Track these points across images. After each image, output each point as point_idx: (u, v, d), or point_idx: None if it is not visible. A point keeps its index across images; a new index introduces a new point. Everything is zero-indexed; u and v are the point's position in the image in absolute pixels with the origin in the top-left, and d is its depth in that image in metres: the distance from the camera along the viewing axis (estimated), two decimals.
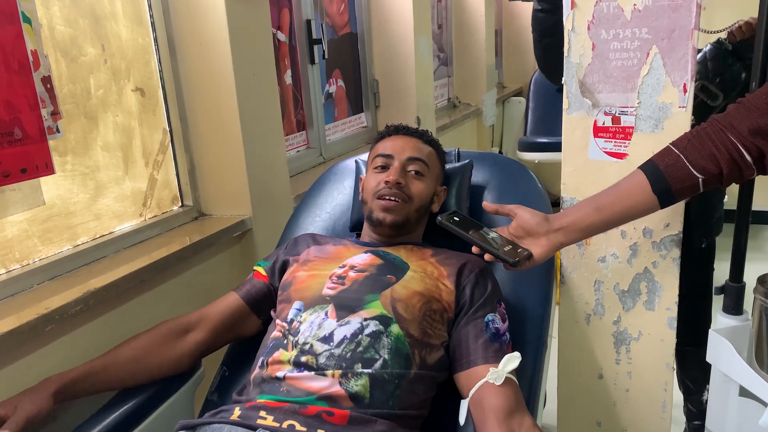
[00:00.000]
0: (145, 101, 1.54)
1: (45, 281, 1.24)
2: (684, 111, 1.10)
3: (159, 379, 1.14)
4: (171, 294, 1.46)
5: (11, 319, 1.07)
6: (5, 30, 1.07)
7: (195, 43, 1.55)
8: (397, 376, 0.99)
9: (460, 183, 1.33)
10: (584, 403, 1.35)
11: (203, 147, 1.64)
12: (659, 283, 1.20)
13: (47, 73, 1.16)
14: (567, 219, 1.05)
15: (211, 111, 1.60)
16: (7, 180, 1.10)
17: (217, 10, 1.51)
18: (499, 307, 1.09)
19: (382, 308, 1.05)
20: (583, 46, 1.15)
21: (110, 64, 1.43)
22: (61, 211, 1.31)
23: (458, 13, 3.79)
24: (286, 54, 2.16)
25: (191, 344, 1.16)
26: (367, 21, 2.68)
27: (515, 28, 4.81)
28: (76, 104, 1.33)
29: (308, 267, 1.16)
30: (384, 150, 1.24)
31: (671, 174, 0.99)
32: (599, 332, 1.29)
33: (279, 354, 1.03)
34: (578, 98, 1.18)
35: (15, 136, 1.10)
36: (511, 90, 4.67)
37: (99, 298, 1.21)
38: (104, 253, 1.39)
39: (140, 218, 1.54)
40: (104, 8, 1.41)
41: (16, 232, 1.21)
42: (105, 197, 1.43)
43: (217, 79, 1.56)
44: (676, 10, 1.07)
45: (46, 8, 1.25)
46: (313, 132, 2.33)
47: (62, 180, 1.30)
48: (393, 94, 2.74)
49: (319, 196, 1.51)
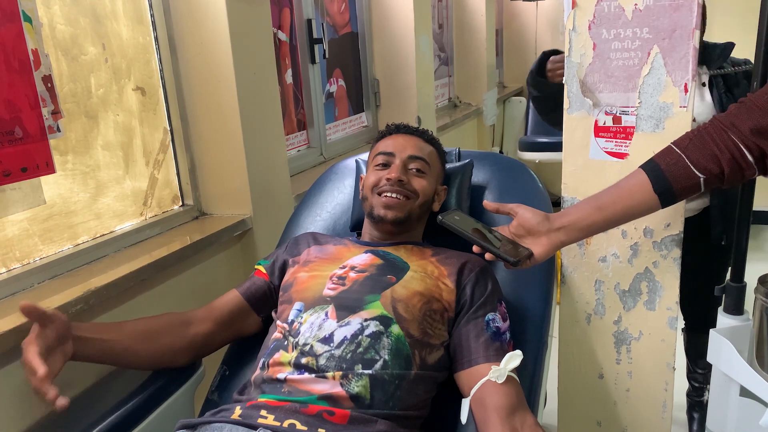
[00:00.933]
0: (145, 100, 1.54)
1: (45, 280, 1.24)
2: (685, 111, 1.10)
3: (160, 366, 1.14)
4: (172, 293, 1.46)
5: (12, 318, 1.07)
6: (6, 29, 1.07)
7: (196, 43, 1.55)
8: (397, 376, 0.99)
9: (461, 182, 1.33)
10: (585, 402, 1.35)
11: (204, 146, 1.64)
12: (660, 282, 1.20)
13: (48, 72, 1.16)
14: (568, 218, 1.04)
15: (212, 110, 1.60)
16: (8, 179, 1.10)
17: (217, 9, 1.51)
18: (500, 306, 1.09)
19: (382, 308, 1.05)
20: (584, 45, 1.15)
21: (111, 63, 1.43)
22: (62, 210, 1.31)
23: (459, 12, 3.79)
24: (286, 53, 2.16)
25: (191, 337, 1.15)
26: (368, 20, 2.68)
27: (516, 27, 4.81)
28: (76, 103, 1.33)
29: (309, 268, 1.16)
30: (385, 148, 1.24)
31: (672, 173, 0.99)
32: (600, 332, 1.29)
33: (279, 355, 1.03)
34: (579, 98, 1.18)
35: (16, 135, 1.10)
36: (512, 90, 4.67)
37: (99, 297, 1.21)
38: (105, 252, 1.39)
39: (141, 217, 1.54)
40: (105, 7, 1.41)
41: (17, 231, 1.21)
42: (105, 196, 1.43)
43: (218, 79, 1.56)
44: (677, 9, 1.06)
45: (46, 7, 1.25)
46: (314, 131, 2.33)
47: (63, 179, 1.30)
48: (394, 93, 2.74)
49: (320, 196, 1.51)
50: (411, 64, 2.67)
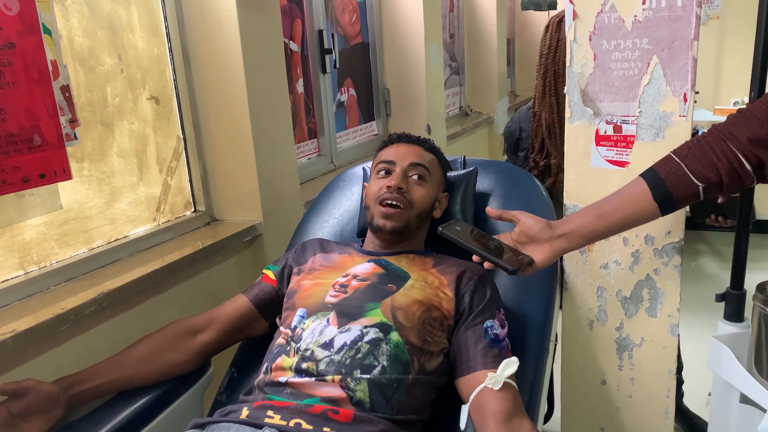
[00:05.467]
0: (159, 109, 1.58)
1: (61, 283, 1.28)
2: (684, 120, 1.12)
3: (168, 378, 1.17)
4: (183, 296, 1.50)
5: (28, 318, 1.11)
6: (27, 41, 1.12)
7: (208, 53, 1.60)
8: (395, 380, 1.01)
9: (465, 190, 1.35)
10: (588, 408, 1.36)
11: (216, 154, 1.68)
12: (661, 289, 1.22)
13: (66, 82, 1.20)
14: (569, 225, 1.06)
15: (224, 119, 1.64)
16: (27, 185, 1.14)
17: (229, 20, 1.55)
18: (498, 313, 1.11)
19: (382, 316, 1.07)
20: (585, 56, 1.17)
21: (126, 74, 1.47)
22: (78, 216, 1.35)
23: (470, 22, 3.82)
24: (298, 63, 2.20)
25: (200, 345, 1.19)
26: (379, 31, 2.72)
27: (528, 37, 4.83)
28: (93, 112, 1.38)
29: (313, 276, 1.19)
30: (387, 157, 1.26)
31: (672, 182, 1.00)
32: (602, 338, 1.30)
33: (282, 360, 1.06)
34: (580, 107, 1.20)
35: (34, 142, 1.14)
36: (524, 98, 4.68)
37: (113, 299, 1.25)
38: (118, 256, 1.43)
39: (154, 223, 1.58)
40: (121, 19, 1.45)
41: (34, 235, 1.26)
42: (120, 202, 1.47)
43: (230, 88, 1.61)
44: (676, 21, 1.08)
45: (65, 20, 1.30)
46: (325, 140, 2.36)
47: (79, 185, 1.35)
48: (404, 102, 2.77)
49: (328, 202, 1.54)
50: (421, 74, 2.71)
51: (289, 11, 2.13)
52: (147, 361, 1.14)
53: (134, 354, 1.14)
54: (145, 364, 1.13)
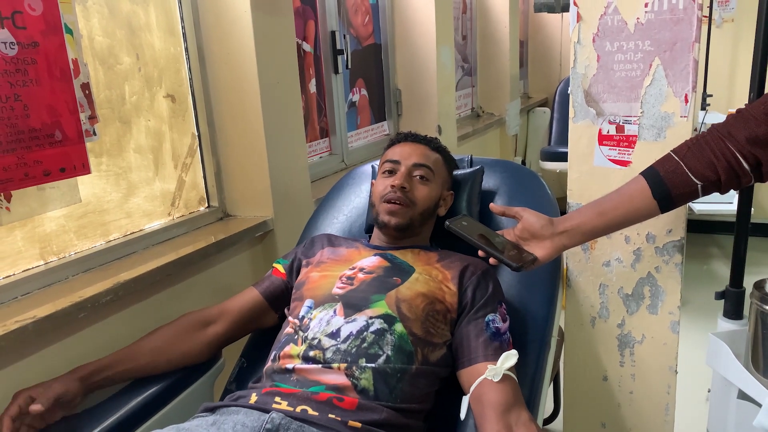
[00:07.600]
0: (175, 107, 1.63)
1: (79, 273, 1.33)
2: (685, 120, 1.14)
3: (180, 368, 1.20)
4: (195, 288, 1.54)
5: (48, 306, 1.16)
6: (49, 40, 1.17)
7: (223, 53, 1.64)
8: (399, 370, 1.05)
9: (471, 188, 1.38)
10: (589, 404, 1.38)
11: (229, 151, 1.72)
12: (662, 287, 1.24)
13: (86, 80, 1.25)
14: (570, 222, 1.09)
15: (237, 117, 1.68)
16: (48, 178, 1.19)
17: (243, 21, 1.60)
18: (500, 308, 1.13)
19: (387, 308, 1.10)
20: (588, 57, 1.19)
21: (144, 72, 1.52)
22: (96, 209, 1.40)
23: (483, 24, 3.84)
24: (310, 63, 2.24)
25: (211, 336, 1.23)
26: (391, 32, 2.75)
27: (541, 39, 4.84)
28: (111, 109, 1.43)
29: (321, 268, 1.23)
30: (392, 156, 1.30)
31: (671, 180, 1.02)
32: (604, 335, 1.32)
33: (289, 348, 1.10)
34: (583, 107, 1.22)
35: (56, 137, 1.19)
36: (536, 100, 4.69)
37: (128, 289, 1.29)
38: (134, 248, 1.47)
39: (168, 217, 1.63)
40: (139, 20, 1.50)
41: (54, 227, 1.30)
42: (136, 197, 1.52)
43: (243, 87, 1.65)
44: (678, 23, 1.11)
45: (86, 20, 1.35)
46: (336, 139, 2.40)
47: (97, 179, 1.40)
48: (415, 102, 2.80)
49: (338, 199, 1.58)
50: (432, 75, 2.73)
51: (302, 12, 2.17)
52: (160, 352, 1.18)
53: (148, 344, 1.18)
54: (158, 354, 1.18)
